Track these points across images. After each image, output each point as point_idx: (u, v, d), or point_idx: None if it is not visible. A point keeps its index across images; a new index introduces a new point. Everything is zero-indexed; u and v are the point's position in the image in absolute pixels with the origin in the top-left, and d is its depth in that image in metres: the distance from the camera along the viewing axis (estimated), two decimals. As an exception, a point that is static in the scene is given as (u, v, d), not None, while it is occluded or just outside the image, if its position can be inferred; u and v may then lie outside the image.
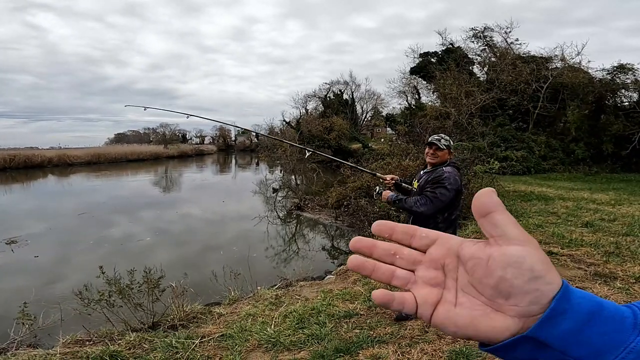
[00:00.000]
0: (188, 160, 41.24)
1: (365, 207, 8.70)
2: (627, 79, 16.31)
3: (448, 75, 18.41)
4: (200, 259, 7.46)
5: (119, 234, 9.43)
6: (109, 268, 3.80)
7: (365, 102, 37.11)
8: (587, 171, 15.30)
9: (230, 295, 4.44)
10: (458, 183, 2.53)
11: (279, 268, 7.10)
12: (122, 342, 2.99)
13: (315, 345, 2.59)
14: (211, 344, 2.89)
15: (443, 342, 2.34)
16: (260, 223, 10.68)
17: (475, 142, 14.16)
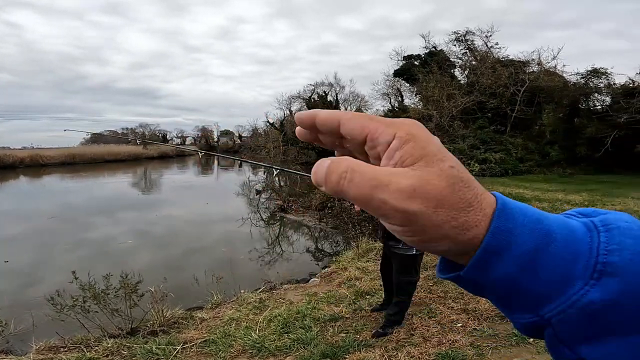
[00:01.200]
0: (168, 161, 40.32)
1: (349, 209, 8.72)
2: (601, 82, 16.97)
3: (430, 78, 18.72)
4: (182, 262, 7.27)
5: (97, 237, 9.10)
6: (84, 273, 3.63)
7: (350, 103, 37.23)
8: (561, 173, 15.86)
9: (213, 299, 4.35)
10: None
11: (263, 270, 7.01)
12: (99, 349, 2.89)
13: (301, 350, 2.56)
14: (194, 350, 2.82)
15: (429, 345, 2.35)
16: (244, 225, 10.54)
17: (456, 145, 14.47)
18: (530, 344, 2.21)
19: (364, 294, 3.69)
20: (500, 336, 2.35)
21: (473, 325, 2.57)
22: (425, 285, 3.63)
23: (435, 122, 15.55)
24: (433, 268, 4.24)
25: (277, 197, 13.77)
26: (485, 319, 2.64)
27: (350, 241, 7.54)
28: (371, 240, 6.16)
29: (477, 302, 2.94)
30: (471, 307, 2.87)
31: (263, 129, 29.72)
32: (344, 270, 4.92)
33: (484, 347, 2.23)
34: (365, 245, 6.03)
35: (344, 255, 6.17)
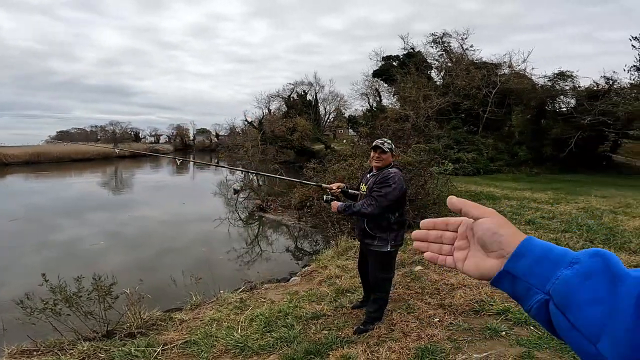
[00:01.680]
0: (141, 160, 38.97)
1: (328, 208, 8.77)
2: (566, 85, 17.82)
3: (408, 79, 19.07)
4: (158, 264, 7.10)
5: (64, 239, 8.71)
6: (53, 275, 3.50)
7: (329, 103, 37.39)
8: (529, 172, 16.60)
9: (192, 300, 4.29)
10: (402, 183, 2.65)
11: (243, 271, 6.96)
12: (75, 352, 2.82)
13: (284, 348, 2.58)
14: (175, 351, 2.78)
15: (409, 340, 2.44)
16: (222, 225, 10.40)
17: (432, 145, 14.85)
18: (502, 337, 2.33)
19: (344, 292, 3.75)
20: (475, 330, 2.47)
21: (449, 319, 2.69)
22: (404, 282, 3.73)
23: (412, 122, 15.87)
24: (411, 265, 4.38)
25: (256, 196, 13.66)
26: (460, 314, 2.76)
27: (330, 240, 7.61)
28: (350, 238, 6.25)
29: (452, 297, 3.07)
30: (447, 302, 2.99)
31: (241, 128, 29.30)
32: (324, 268, 4.98)
33: (461, 341, 2.34)
34: (345, 244, 6.12)
35: (324, 253, 6.22)
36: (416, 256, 4.63)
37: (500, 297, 2.98)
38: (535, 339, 2.23)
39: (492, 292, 3.09)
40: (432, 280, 3.61)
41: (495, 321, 2.54)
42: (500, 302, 2.86)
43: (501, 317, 2.61)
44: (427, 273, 3.87)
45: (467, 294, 3.10)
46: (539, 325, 2.46)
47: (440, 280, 3.58)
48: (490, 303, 2.83)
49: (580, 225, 5.64)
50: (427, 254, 0.55)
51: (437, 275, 3.77)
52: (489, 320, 2.56)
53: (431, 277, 3.70)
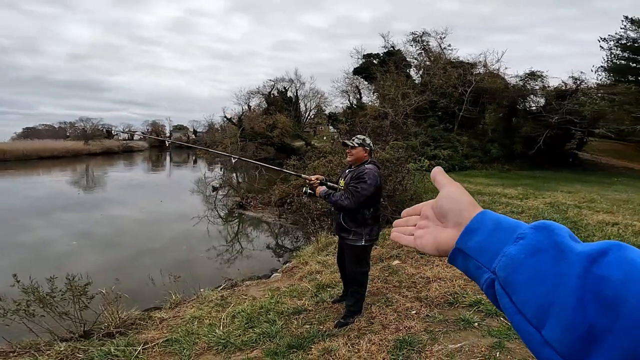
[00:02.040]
0: (114, 157, 37.60)
1: (309, 205, 8.84)
2: (536, 85, 18.58)
3: (388, 77, 19.32)
4: (135, 264, 6.95)
5: (34, 240, 8.35)
6: (24, 276, 3.39)
7: (309, 100, 37.35)
8: (501, 169, 17.26)
9: (172, 299, 4.25)
10: (377, 179, 2.71)
11: (223, 269, 6.93)
12: (52, 353, 2.77)
13: (267, 343, 2.63)
14: (156, 349, 2.77)
15: (388, 332, 2.54)
16: (200, 223, 10.27)
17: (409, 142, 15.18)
18: (475, 328, 2.47)
19: (325, 287, 3.83)
20: (450, 321, 2.60)
21: (426, 312, 2.81)
22: (382, 276, 3.85)
23: (390, 120, 16.14)
24: (389, 260, 4.51)
25: (236, 193, 13.54)
26: (435, 306, 2.90)
27: (310, 236, 7.67)
28: (330, 234, 6.34)
29: (428, 290, 3.21)
30: (423, 295, 3.13)
31: (220, 125, 28.80)
32: (305, 264, 5.04)
33: (437, 332, 2.46)
34: (325, 240, 6.20)
35: (305, 250, 6.28)
36: (394, 251, 4.77)
37: (472, 289, 3.14)
38: (505, 330, 2.38)
39: (464, 285, 3.25)
40: (409, 274, 3.74)
41: (468, 313, 2.69)
42: (473, 294, 3.02)
43: (473, 308, 2.76)
44: (404, 267, 4.01)
45: (441, 287, 3.25)
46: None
47: (417, 273, 3.72)
48: (463, 295, 2.99)
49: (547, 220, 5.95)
50: (392, 234, 0.55)
51: (413, 269, 3.91)
52: (462, 312, 2.71)
53: (408, 271, 3.84)
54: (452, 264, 0.45)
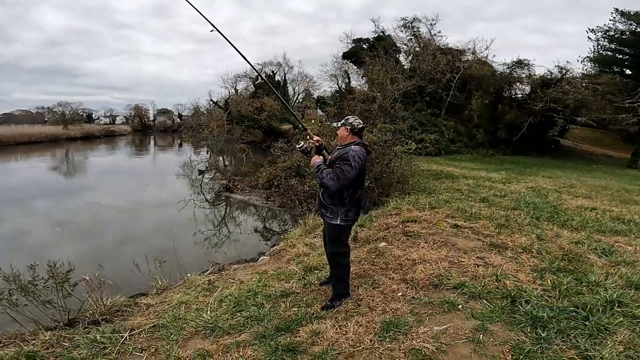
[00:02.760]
0: (95, 142, 36.49)
1: (296, 187, 8.82)
2: (523, 73, 18.91)
3: (377, 62, 19.29)
4: (119, 250, 6.84)
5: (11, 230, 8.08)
6: (4, 266, 3.30)
7: (298, 84, 36.99)
8: (485, 153, 17.62)
9: (158, 285, 4.22)
10: (361, 162, 2.68)
11: (210, 253, 6.89)
12: (37, 342, 2.72)
13: (255, 326, 2.64)
14: (143, 335, 2.75)
15: (375, 314, 2.58)
16: (187, 208, 10.14)
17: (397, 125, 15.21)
18: (459, 310, 2.53)
19: (312, 269, 3.86)
20: (435, 304, 2.65)
21: (411, 294, 2.86)
22: (369, 258, 3.89)
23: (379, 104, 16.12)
24: (376, 242, 4.56)
25: (222, 177, 13.39)
26: (421, 288, 2.95)
27: (298, 218, 7.68)
28: (317, 216, 6.36)
29: (414, 272, 3.26)
30: (409, 277, 3.18)
31: (206, 108, 28.24)
32: (293, 247, 5.06)
33: (422, 314, 2.51)
34: (312, 222, 6.21)
35: (292, 232, 6.29)
36: (381, 233, 4.82)
37: (457, 271, 3.22)
38: (488, 313, 2.44)
39: (449, 267, 3.33)
40: (395, 256, 3.79)
41: (453, 295, 2.74)
42: (457, 276, 3.08)
43: (457, 290, 2.81)
44: (391, 249, 4.06)
45: (426, 269, 3.31)
46: (491, 299, 2.72)
47: (403, 255, 3.78)
48: (447, 277, 3.05)
49: (528, 203, 6.11)
50: None
51: (400, 251, 3.97)
52: (446, 294, 2.77)
53: (395, 253, 3.89)
54: None
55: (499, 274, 3.04)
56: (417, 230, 4.66)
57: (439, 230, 4.61)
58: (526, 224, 4.87)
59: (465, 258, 3.55)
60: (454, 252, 3.77)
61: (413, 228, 4.76)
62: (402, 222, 5.11)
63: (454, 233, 4.48)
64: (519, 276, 3.05)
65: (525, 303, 2.52)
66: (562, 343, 2.08)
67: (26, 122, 39.75)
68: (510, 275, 3.06)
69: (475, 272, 3.17)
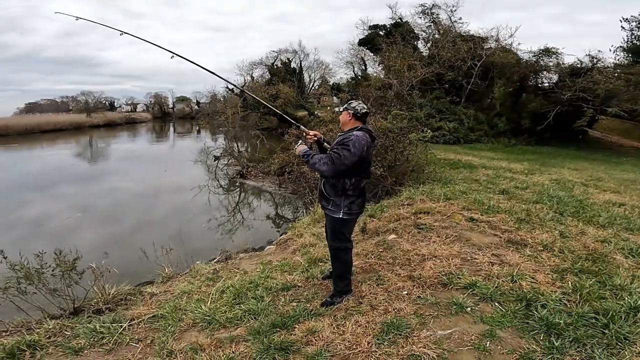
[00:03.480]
0: (117, 129, 37.45)
1: (307, 174, 8.71)
2: (550, 61, 18.06)
3: (394, 49, 18.85)
4: (135, 237, 6.95)
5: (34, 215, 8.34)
6: (26, 251, 3.34)
7: (314, 71, 36.58)
8: (506, 143, 16.97)
9: (164, 273, 4.22)
10: (363, 148, 2.47)
11: (222, 240, 6.93)
12: (41, 331, 2.73)
13: (251, 321, 2.56)
14: (142, 326, 2.73)
15: (376, 314, 2.43)
16: (202, 193, 10.23)
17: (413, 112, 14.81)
18: (467, 313, 2.34)
19: (317, 261, 3.73)
20: (442, 305, 2.47)
21: (417, 293, 2.69)
22: (376, 251, 3.73)
23: (395, 91, 15.72)
24: (385, 233, 4.38)
25: (237, 162, 13.46)
26: (428, 287, 2.77)
27: (309, 207, 7.58)
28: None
29: (422, 269, 3.09)
30: (417, 274, 3.00)
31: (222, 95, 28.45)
32: (300, 236, 4.94)
33: (427, 316, 2.35)
34: (321, 211, 6.04)
35: (301, 221, 6.16)
36: (391, 224, 4.63)
37: (469, 269, 3.02)
38: (498, 317, 2.25)
39: (460, 265, 3.13)
40: (404, 250, 3.61)
41: (462, 296, 2.55)
42: (468, 275, 2.88)
43: (468, 291, 2.61)
44: (400, 242, 3.88)
45: (436, 265, 3.12)
46: (503, 302, 2.53)
47: (412, 250, 3.60)
48: (458, 276, 2.85)
49: (552, 197, 5.74)
50: None
51: (409, 244, 3.79)
52: (455, 295, 2.57)
53: (403, 247, 3.71)
54: None
55: (514, 274, 2.82)
56: (429, 222, 4.44)
57: (453, 223, 4.38)
58: (549, 219, 4.55)
59: (480, 255, 3.33)
60: (467, 248, 3.55)
61: (425, 220, 4.54)
62: (414, 214, 4.89)
63: (469, 227, 4.24)
64: (537, 277, 2.83)
65: (541, 307, 2.31)
66: (576, 353, 1.88)
67: (51, 110, 41.23)
68: (528, 275, 2.84)
69: (489, 271, 2.96)
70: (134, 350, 2.39)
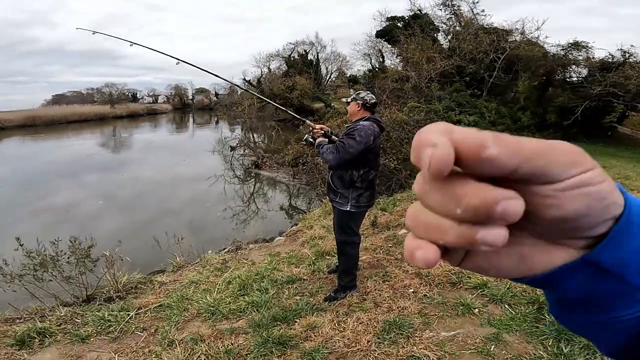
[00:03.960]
0: (139, 119, 38.43)
1: (321, 165, 8.66)
2: (580, 55, 17.31)
3: (412, 41, 18.46)
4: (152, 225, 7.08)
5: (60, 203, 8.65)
6: (43, 238, 3.43)
7: (330, 63, 36.30)
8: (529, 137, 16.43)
9: (175, 262, 4.29)
10: (370, 138, 2.42)
11: (236, 230, 6.98)
12: (52, 318, 2.79)
13: (254, 313, 2.56)
14: (148, 315, 2.77)
15: (379, 312, 2.38)
16: (218, 183, 10.35)
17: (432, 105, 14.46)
18: (474, 315, 2.24)
19: (324, 254, 3.70)
20: (448, 305, 2.39)
21: (424, 291, 2.61)
22: (385, 246, 3.66)
23: (413, 83, 15.42)
24: (395, 228, 4.29)
25: (252, 153, 13.58)
26: (436, 285, 2.68)
27: (322, 198, 7.55)
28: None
29: (431, 265, 3.00)
30: (425, 271, 2.92)
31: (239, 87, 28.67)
32: (310, 228, 4.92)
33: (431, 316, 2.27)
34: (331, 203, 5.99)
35: (312, 212, 6.14)
36: (403, 218, 4.54)
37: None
38: (507, 320, 2.14)
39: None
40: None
41: (471, 296, 2.45)
42: (480, 274, 2.78)
43: (477, 291, 2.50)
44: (411, 239, 3.79)
45: (447, 263, 3.03)
46: (514, 304, 2.43)
47: (423, 246, 3.51)
48: (468, 275, 2.75)
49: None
50: (407, 246, 0.23)
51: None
52: (464, 295, 2.48)
53: (414, 244, 3.62)
54: (549, 284, 0.24)
55: (529, 275, 2.70)
56: (443, 217, 4.32)
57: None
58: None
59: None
60: (481, 245, 3.44)
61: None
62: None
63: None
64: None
65: (553, 311, 2.20)
66: (584, 361, 1.78)
67: (77, 102, 42.70)
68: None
69: (502, 270, 2.85)
70: (138, 339, 2.44)
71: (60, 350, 2.38)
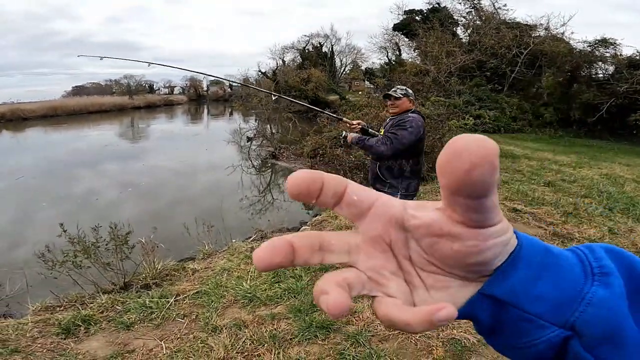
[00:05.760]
0: (156, 110, 39.01)
1: (341, 156, 8.67)
2: (607, 52, 16.81)
3: (431, 34, 18.17)
4: (172, 212, 7.25)
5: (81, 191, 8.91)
6: (72, 226, 3.42)
7: (345, 55, 36.06)
8: (552, 134, 16.04)
9: (204, 250, 4.39)
10: (420, 129, 2.52)
11: (254, 219, 7.05)
12: (94, 306, 2.81)
13: (292, 299, 2.63)
14: (186, 301, 2.85)
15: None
16: (235, 173, 10.47)
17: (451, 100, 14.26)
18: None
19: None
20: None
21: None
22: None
23: (432, 77, 15.20)
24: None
25: (269, 144, 13.67)
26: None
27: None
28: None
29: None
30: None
31: (255, 79, 28.77)
32: (335, 218, 4.96)
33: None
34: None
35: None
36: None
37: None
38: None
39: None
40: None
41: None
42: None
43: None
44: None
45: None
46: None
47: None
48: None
49: (601, 192, 5.43)
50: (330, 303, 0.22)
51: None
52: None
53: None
54: (467, 317, 0.26)
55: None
56: (468, 212, 4.32)
57: (494, 213, 4.24)
58: (597, 214, 4.32)
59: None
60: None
61: (463, 210, 4.43)
62: (451, 203, 4.79)
63: (512, 218, 4.10)
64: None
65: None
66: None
67: (96, 93, 43.58)
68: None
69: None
70: (180, 326, 2.50)
71: (107, 337, 2.42)
